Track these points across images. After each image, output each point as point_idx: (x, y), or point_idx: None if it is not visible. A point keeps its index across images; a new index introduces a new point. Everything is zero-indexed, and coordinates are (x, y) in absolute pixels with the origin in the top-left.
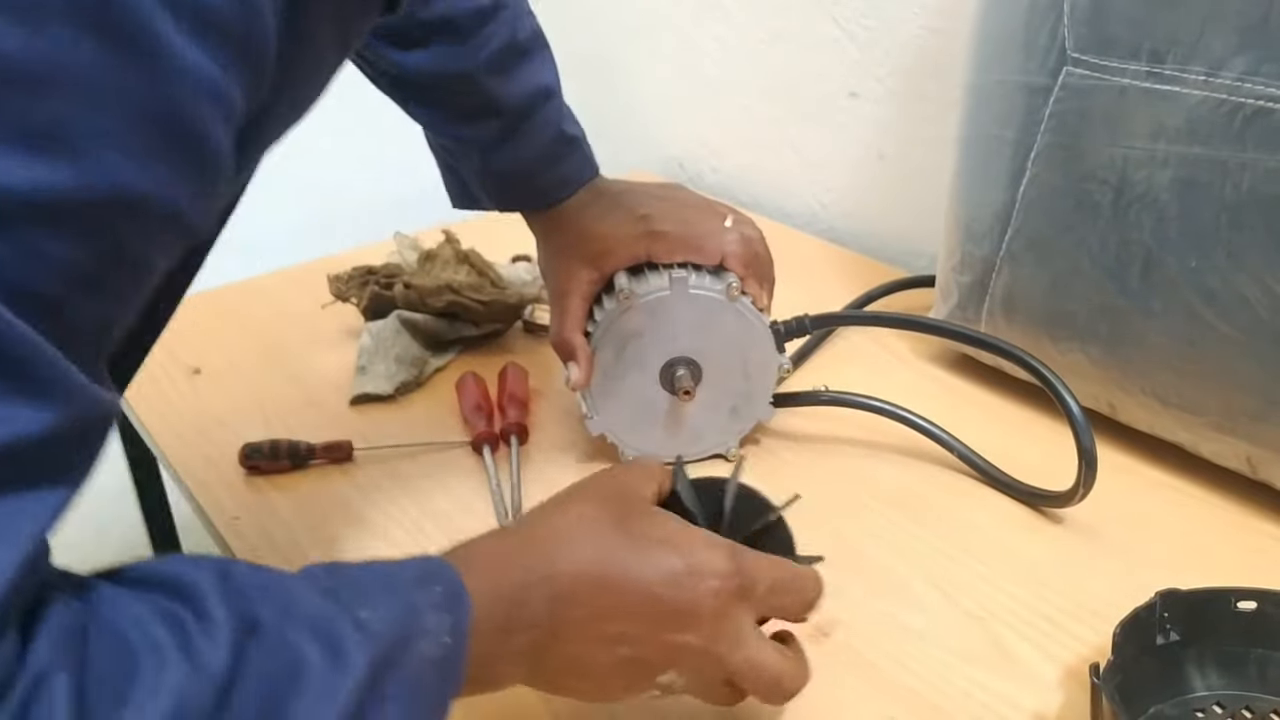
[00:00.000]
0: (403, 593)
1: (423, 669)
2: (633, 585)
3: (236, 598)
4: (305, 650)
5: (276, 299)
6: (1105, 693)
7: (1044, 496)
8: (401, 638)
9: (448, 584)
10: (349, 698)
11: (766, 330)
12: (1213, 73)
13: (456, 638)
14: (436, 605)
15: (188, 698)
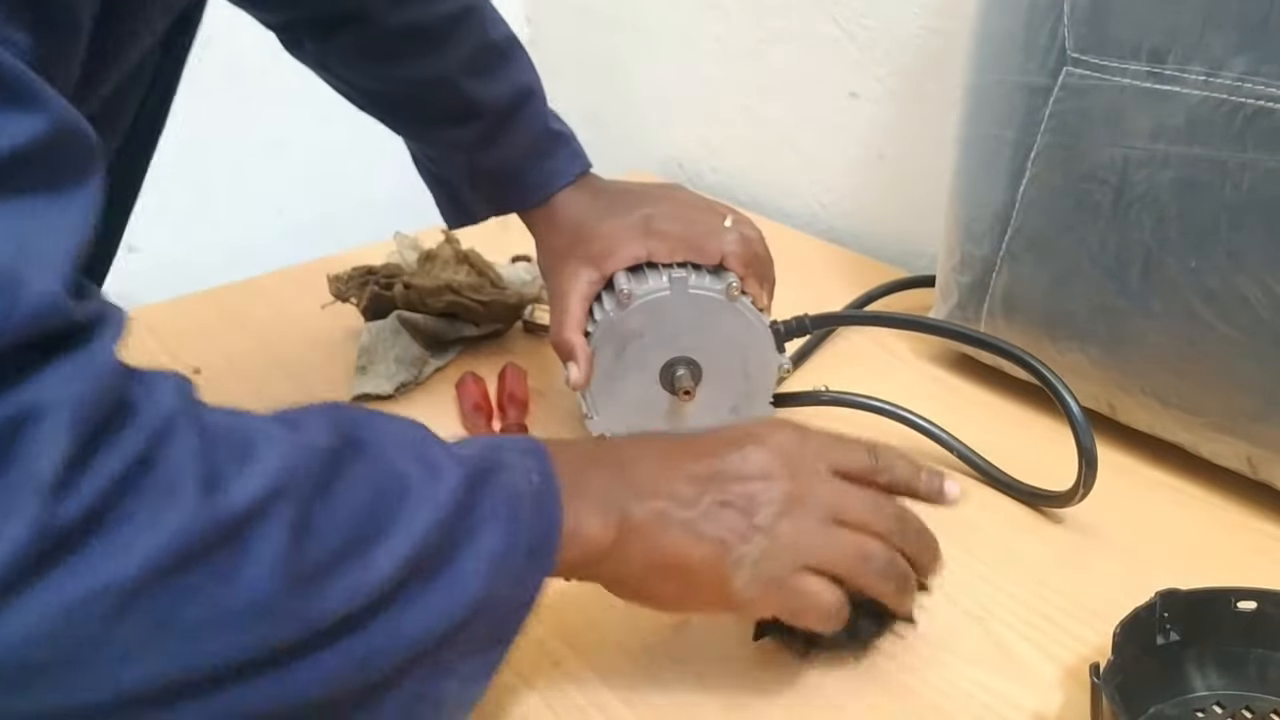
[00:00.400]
0: (489, 442)
1: (517, 498)
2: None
3: (341, 420)
4: (403, 465)
5: (276, 299)
6: (1105, 693)
7: (1044, 496)
8: (491, 464)
9: (529, 444)
10: (449, 505)
11: (766, 330)
12: (1213, 73)
13: (545, 479)
14: (521, 450)
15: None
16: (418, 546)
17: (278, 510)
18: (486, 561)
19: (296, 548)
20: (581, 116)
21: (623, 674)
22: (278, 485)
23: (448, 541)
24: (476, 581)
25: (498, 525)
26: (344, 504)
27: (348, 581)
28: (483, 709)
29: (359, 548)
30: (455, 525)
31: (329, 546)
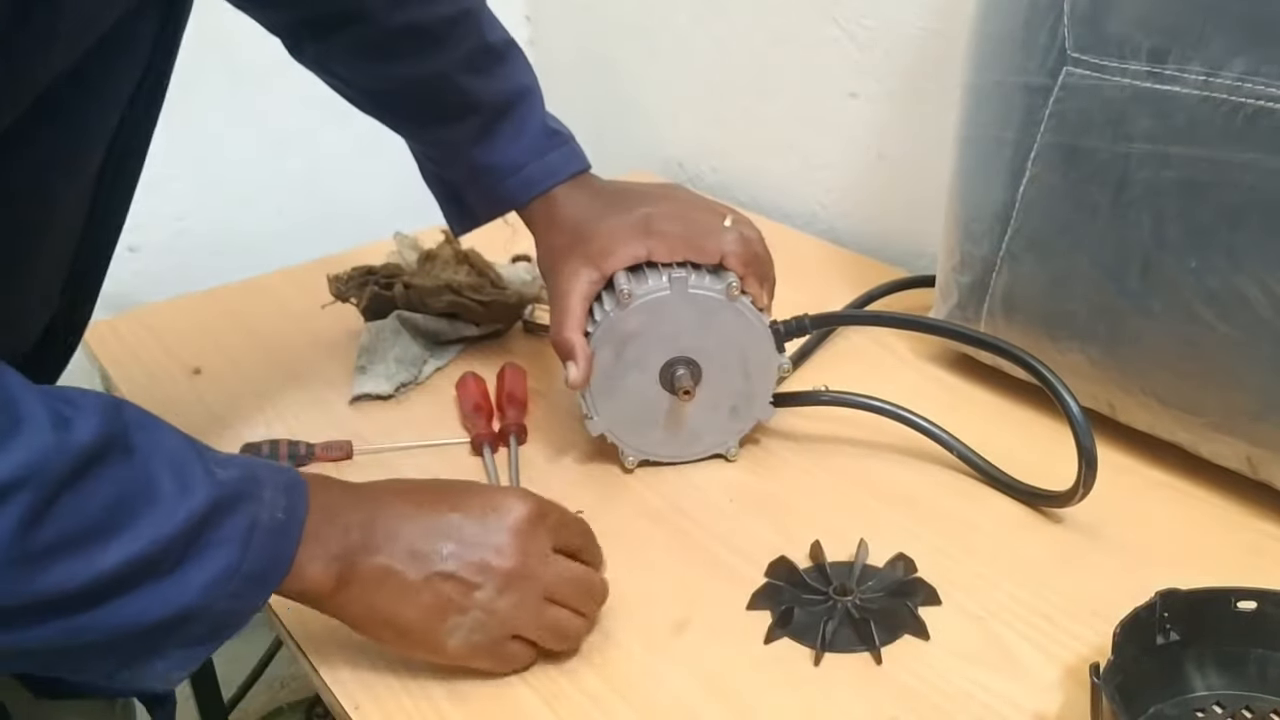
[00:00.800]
0: (253, 468)
1: (256, 529)
2: (433, 509)
3: (118, 421)
4: (160, 476)
5: (276, 299)
6: (1105, 692)
7: (1044, 496)
8: (240, 494)
9: (290, 477)
10: (186, 522)
11: (766, 330)
12: (1213, 73)
13: (290, 516)
14: (278, 487)
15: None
16: (145, 551)
17: (17, 498)
18: (209, 577)
19: (27, 534)
20: (581, 116)
21: (625, 675)
22: (22, 476)
23: (176, 553)
24: (194, 592)
25: (228, 549)
26: (87, 499)
27: (71, 568)
28: (483, 709)
29: (90, 540)
30: (187, 540)
31: (60, 534)
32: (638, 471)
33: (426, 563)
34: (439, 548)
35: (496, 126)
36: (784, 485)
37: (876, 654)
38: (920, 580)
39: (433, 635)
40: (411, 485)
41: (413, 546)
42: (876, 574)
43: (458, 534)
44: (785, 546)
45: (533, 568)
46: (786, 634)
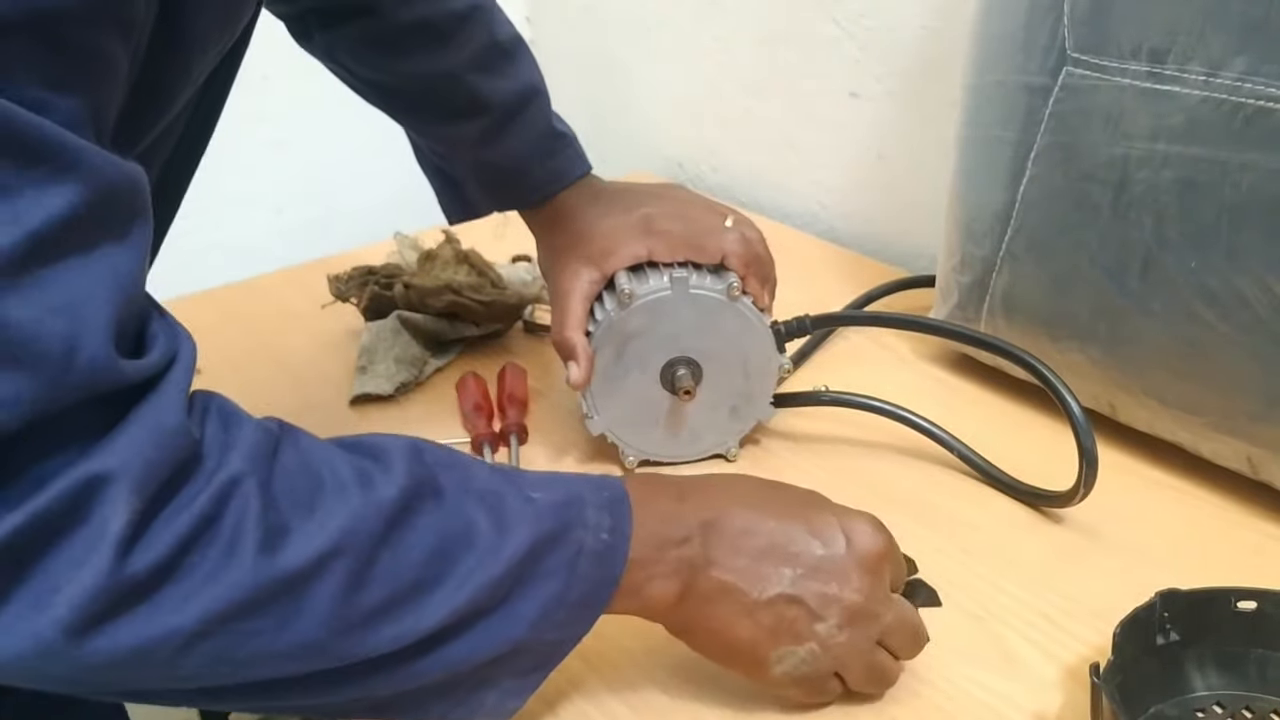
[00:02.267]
0: (572, 486)
1: (581, 556)
2: (781, 524)
3: (421, 465)
4: (474, 515)
5: (276, 299)
6: (1105, 692)
7: (1044, 496)
8: (564, 522)
9: (613, 491)
10: (509, 562)
11: (767, 330)
12: (1213, 73)
13: (616, 537)
14: (601, 505)
15: (361, 521)
16: (471, 598)
17: (334, 567)
18: (537, 611)
19: (348, 599)
20: (581, 116)
21: (626, 677)
22: (337, 544)
23: (501, 594)
24: (523, 627)
25: (554, 581)
26: (405, 554)
27: (398, 627)
28: None
29: (413, 596)
30: (512, 580)
31: (383, 595)
32: (638, 471)
33: (772, 583)
34: (787, 568)
35: (503, 127)
36: None
37: None
38: (920, 580)
39: (761, 658)
40: (755, 490)
41: (759, 563)
42: None
43: (808, 556)
44: None
45: (876, 607)
46: None
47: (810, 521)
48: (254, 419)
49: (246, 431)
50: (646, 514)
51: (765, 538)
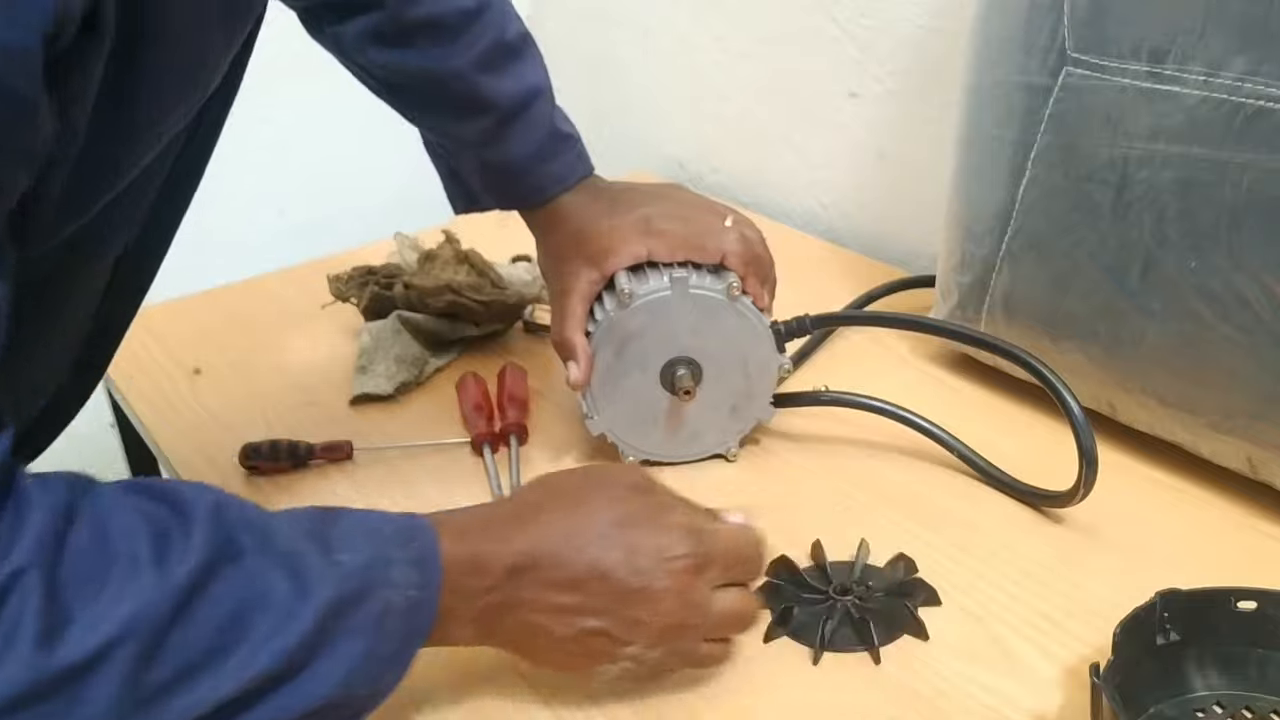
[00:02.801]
0: (380, 545)
1: (387, 614)
2: (588, 565)
3: (222, 524)
4: (273, 578)
5: (276, 299)
6: (1105, 692)
7: (1044, 496)
8: (368, 582)
9: (423, 544)
10: (310, 624)
11: (767, 330)
12: (1213, 73)
13: (425, 592)
14: (409, 561)
15: (149, 604)
16: (270, 663)
17: (118, 654)
18: (343, 670)
19: (137, 680)
20: (582, 116)
21: (625, 676)
22: (123, 630)
23: (303, 656)
24: (329, 685)
25: (360, 640)
26: (198, 627)
27: (191, 697)
28: (483, 708)
29: (207, 665)
30: (314, 642)
31: (174, 670)
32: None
33: (576, 619)
34: (591, 603)
35: (508, 127)
36: (784, 485)
37: (875, 653)
38: (920, 580)
39: (581, 673)
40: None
41: (562, 603)
42: (877, 574)
43: (618, 586)
44: (786, 546)
45: (690, 621)
46: (786, 633)
47: (628, 547)
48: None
49: (35, 517)
50: (455, 564)
51: (575, 572)
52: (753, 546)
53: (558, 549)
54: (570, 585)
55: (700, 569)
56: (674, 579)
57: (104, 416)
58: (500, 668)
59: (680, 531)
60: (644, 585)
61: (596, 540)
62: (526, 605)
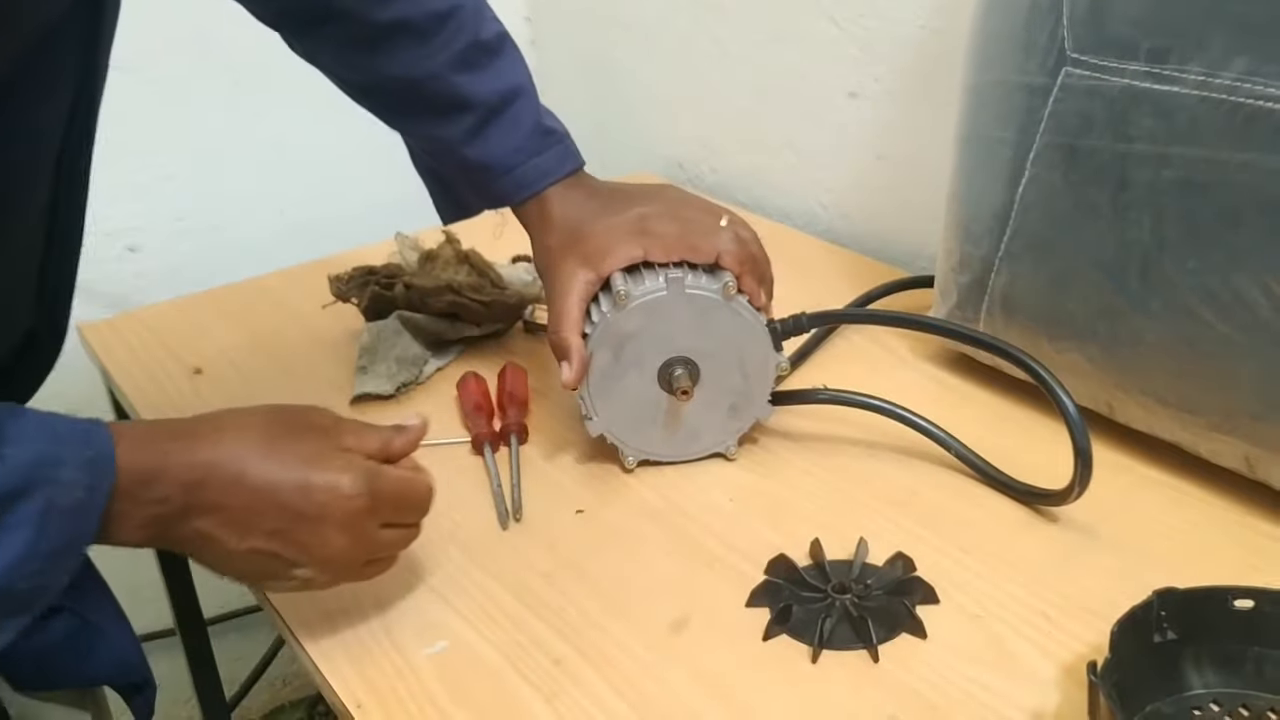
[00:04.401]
0: (53, 444)
1: (50, 512)
2: (264, 486)
3: None
4: None
5: (276, 299)
6: (1103, 691)
7: (1041, 495)
8: (30, 480)
9: (99, 449)
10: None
11: (764, 329)
12: (1213, 73)
13: (92, 495)
14: (81, 464)
15: None
16: None
17: None
18: (4, 563)
19: None
20: (582, 117)
21: (625, 673)
22: None
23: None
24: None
25: (22, 533)
26: None
27: None
28: (483, 707)
29: None
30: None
31: None
32: (637, 471)
33: (247, 535)
34: (264, 523)
35: (489, 125)
36: (783, 484)
37: (874, 652)
38: (919, 579)
39: (255, 586)
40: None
41: (236, 518)
42: (875, 572)
43: (289, 510)
44: (785, 545)
45: (357, 553)
46: (785, 631)
47: (305, 479)
48: None
49: None
50: (130, 471)
51: (251, 494)
52: (420, 494)
53: (237, 470)
54: (244, 508)
55: (371, 510)
56: (345, 515)
57: (105, 416)
58: (502, 668)
59: (356, 473)
60: (317, 516)
61: (276, 468)
62: (199, 516)
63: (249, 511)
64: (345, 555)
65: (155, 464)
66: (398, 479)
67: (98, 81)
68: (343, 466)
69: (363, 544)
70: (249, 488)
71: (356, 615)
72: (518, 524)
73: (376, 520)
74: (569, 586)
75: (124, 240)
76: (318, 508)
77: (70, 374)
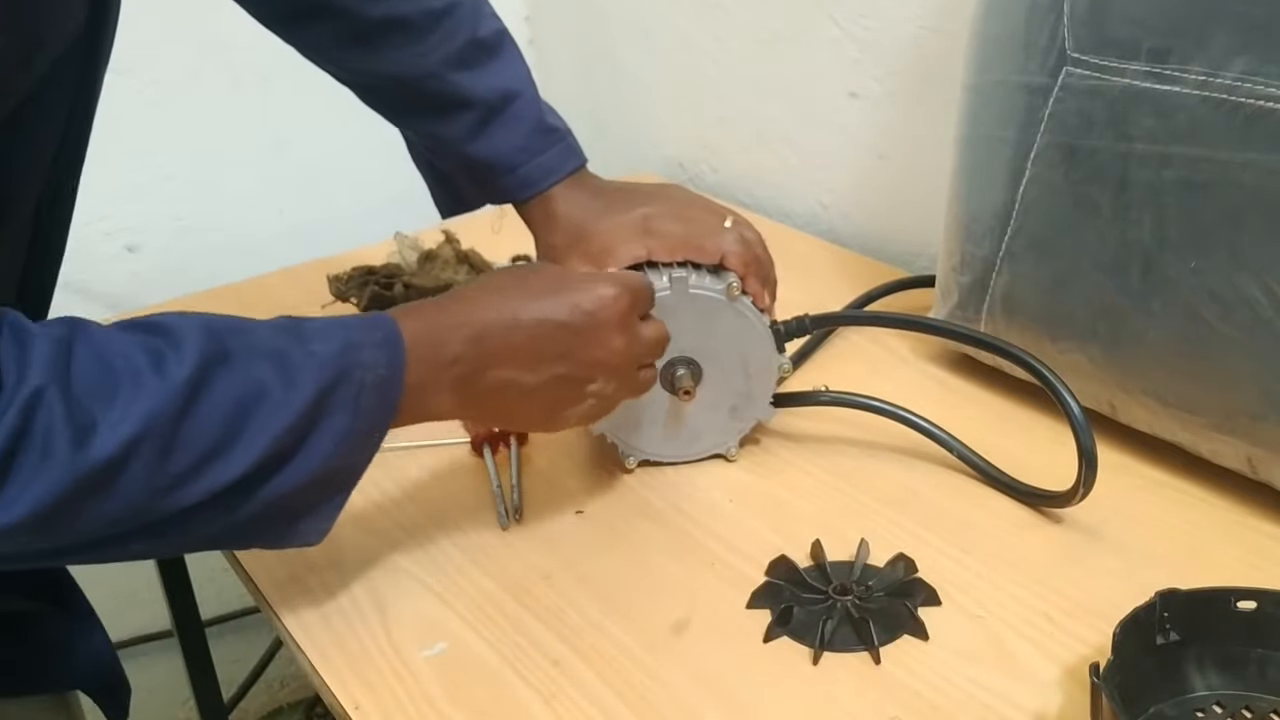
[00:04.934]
0: (349, 331)
1: (363, 391)
2: (537, 318)
3: (210, 336)
4: (264, 374)
5: (276, 299)
6: (1105, 692)
7: (1044, 496)
8: (342, 368)
9: (386, 329)
10: (299, 410)
11: (766, 330)
12: (1213, 73)
13: (392, 369)
14: (376, 344)
15: (158, 405)
16: (269, 447)
17: (141, 448)
18: (330, 445)
19: (159, 468)
20: (582, 116)
21: (625, 674)
22: (142, 428)
23: (296, 438)
24: (319, 459)
25: (342, 417)
26: (203, 422)
27: (207, 481)
28: (483, 708)
29: (218, 453)
30: (305, 425)
31: (189, 459)
32: (638, 471)
33: (540, 366)
34: (551, 348)
35: (490, 123)
36: (784, 485)
37: (875, 653)
38: (920, 580)
39: (551, 422)
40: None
41: (524, 355)
42: (877, 574)
43: (568, 335)
44: (785, 546)
45: (632, 350)
46: (785, 633)
47: (570, 299)
48: (45, 328)
49: (40, 343)
50: (418, 342)
51: (528, 330)
52: (646, 282)
53: (511, 314)
54: (528, 342)
55: (632, 305)
56: (615, 316)
57: None
58: (501, 669)
59: (607, 279)
60: (592, 326)
61: (541, 301)
62: (493, 365)
63: (534, 345)
64: (625, 356)
65: (438, 332)
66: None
67: (94, 96)
68: (594, 278)
69: (636, 340)
70: (526, 325)
71: (355, 616)
72: (517, 525)
73: (637, 313)
74: (568, 587)
75: (123, 240)
76: (589, 317)
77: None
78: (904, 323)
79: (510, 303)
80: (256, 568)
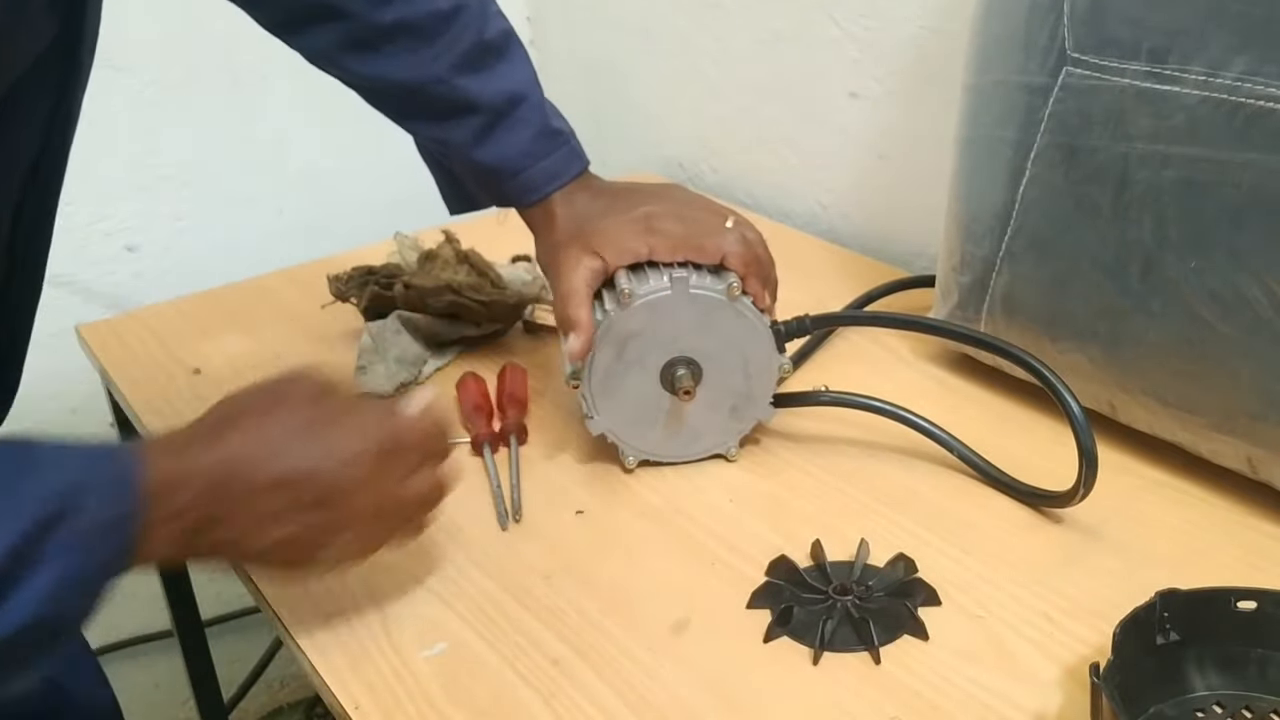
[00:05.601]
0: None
1: (81, 538)
2: (283, 472)
3: None
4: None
5: (276, 299)
6: (1105, 692)
7: (1044, 496)
8: (59, 512)
9: (120, 470)
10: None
11: (767, 330)
12: (1213, 73)
13: (119, 520)
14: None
15: None
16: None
17: None
18: (47, 589)
19: None
20: (581, 116)
21: (625, 674)
22: None
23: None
24: (34, 606)
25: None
26: None
27: None
28: (483, 708)
29: None
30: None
31: None
32: (638, 471)
33: (274, 529)
34: (290, 511)
35: (496, 128)
36: (784, 485)
37: (875, 653)
38: (920, 580)
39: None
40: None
41: (259, 511)
42: (877, 574)
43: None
44: (785, 546)
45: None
46: (786, 633)
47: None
48: None
49: None
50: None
51: (270, 480)
52: (436, 427)
53: (251, 458)
54: (267, 490)
55: (389, 459)
56: (366, 472)
57: (104, 416)
58: (501, 669)
59: (366, 427)
60: (336, 484)
61: (288, 446)
62: (225, 522)
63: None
64: (374, 516)
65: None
66: (408, 420)
67: (69, 128)
68: (352, 425)
69: (389, 499)
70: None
71: (355, 616)
72: (517, 525)
73: (400, 468)
74: (568, 587)
75: (122, 240)
76: (336, 475)
77: (69, 375)
78: (904, 323)
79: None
80: None
